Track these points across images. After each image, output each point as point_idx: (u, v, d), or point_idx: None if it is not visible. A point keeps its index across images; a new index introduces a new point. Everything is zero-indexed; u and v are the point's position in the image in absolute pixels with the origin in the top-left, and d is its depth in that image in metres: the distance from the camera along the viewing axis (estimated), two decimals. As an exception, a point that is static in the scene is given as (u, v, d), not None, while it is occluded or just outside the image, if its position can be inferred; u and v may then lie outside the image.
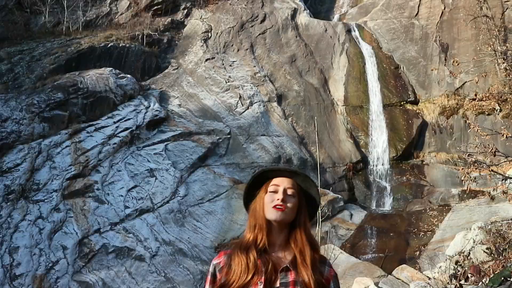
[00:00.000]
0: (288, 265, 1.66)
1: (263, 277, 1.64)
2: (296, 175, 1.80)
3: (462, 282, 3.41)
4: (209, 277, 1.79)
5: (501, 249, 5.15)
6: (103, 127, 13.17)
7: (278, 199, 1.71)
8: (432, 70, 16.13)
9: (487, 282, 2.81)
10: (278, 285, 1.65)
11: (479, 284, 2.91)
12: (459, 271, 3.55)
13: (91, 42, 16.14)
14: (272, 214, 1.71)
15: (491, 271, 3.55)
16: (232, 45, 17.07)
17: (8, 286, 9.75)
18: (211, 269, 1.79)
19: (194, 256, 10.84)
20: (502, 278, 2.83)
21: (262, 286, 1.63)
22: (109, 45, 16.21)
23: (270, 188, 1.76)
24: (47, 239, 10.70)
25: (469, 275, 3.11)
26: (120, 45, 16.38)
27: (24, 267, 10.11)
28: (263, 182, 1.82)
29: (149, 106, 14.17)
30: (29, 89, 14.04)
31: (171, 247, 10.96)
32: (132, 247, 10.81)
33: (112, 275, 10.36)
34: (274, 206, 1.71)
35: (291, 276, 1.65)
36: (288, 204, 1.72)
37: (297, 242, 1.71)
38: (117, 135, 13.05)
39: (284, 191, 1.73)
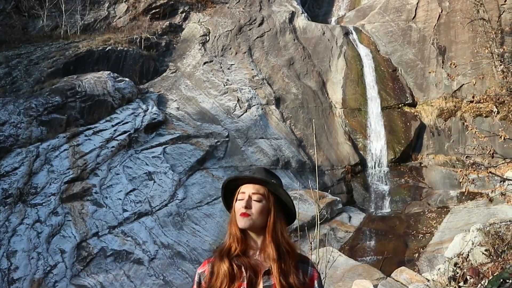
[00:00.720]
0: (269, 268, 1.68)
1: (245, 282, 1.67)
2: (263, 182, 1.80)
3: (461, 284, 3.41)
4: (194, 286, 1.80)
5: (500, 251, 5.15)
6: (101, 130, 13.15)
7: (242, 206, 1.73)
8: (429, 72, 16.19)
9: (485, 284, 2.82)
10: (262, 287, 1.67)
11: (478, 286, 2.92)
12: (457, 273, 3.55)
13: (89, 45, 16.15)
14: (239, 222, 1.74)
15: (490, 273, 3.55)
16: (230, 48, 17.10)
17: (6, 290, 9.72)
18: (196, 278, 1.81)
19: (192, 259, 10.81)
20: (501, 280, 2.83)
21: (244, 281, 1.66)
22: (107, 49, 16.22)
23: (239, 196, 1.78)
24: (45, 243, 10.65)
25: (468, 277, 3.11)
26: (118, 49, 16.39)
27: (22, 271, 10.06)
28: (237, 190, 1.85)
29: (147, 109, 14.16)
30: (27, 93, 14.02)
31: (170, 250, 10.93)
32: (131, 250, 10.77)
33: (110, 279, 10.32)
34: (240, 214, 1.73)
35: (273, 279, 1.67)
36: (253, 210, 1.73)
37: (268, 248, 1.72)
38: (115, 138, 13.03)
39: (249, 197, 1.75)
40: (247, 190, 1.77)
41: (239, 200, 1.77)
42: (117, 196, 11.87)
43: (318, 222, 6.23)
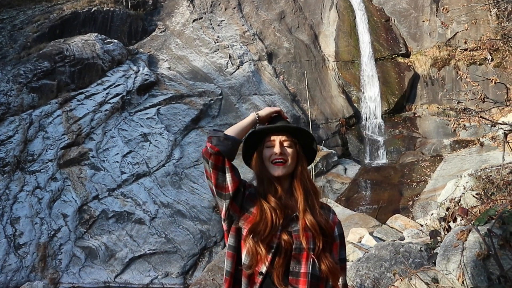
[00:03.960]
0: (297, 213, 1.74)
1: (281, 221, 1.73)
2: (288, 130, 1.83)
3: (451, 223, 3.54)
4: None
5: (490, 193, 5.28)
6: (93, 94, 13.03)
7: (276, 153, 1.76)
8: (423, 21, 15.89)
9: (473, 221, 2.93)
10: (290, 230, 1.73)
11: (466, 223, 3.04)
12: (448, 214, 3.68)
13: (73, 7, 15.67)
14: (274, 171, 1.76)
15: (479, 213, 3.67)
16: (219, 4, 16.63)
17: (13, 255, 9.98)
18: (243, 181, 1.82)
19: (192, 216, 11.06)
20: (488, 217, 2.94)
21: (280, 230, 1.72)
22: (93, 10, 15.75)
23: (267, 144, 1.80)
24: (47, 208, 10.84)
25: (457, 216, 3.23)
26: (104, 9, 15.91)
27: (27, 236, 10.31)
28: (258, 139, 1.85)
29: (138, 70, 13.97)
30: (14, 60, 13.74)
31: (170, 209, 11.16)
32: (131, 211, 11.00)
33: (114, 239, 10.60)
34: (274, 162, 1.76)
35: (301, 221, 1.73)
36: (287, 157, 1.77)
37: (297, 191, 1.77)
38: (108, 101, 12.94)
39: (281, 144, 1.78)
40: (277, 137, 1.79)
41: (268, 147, 1.78)
42: (114, 159, 11.95)
43: (313, 175, 6.35)
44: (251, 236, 1.70)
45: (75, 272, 10.07)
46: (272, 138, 1.80)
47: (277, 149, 1.76)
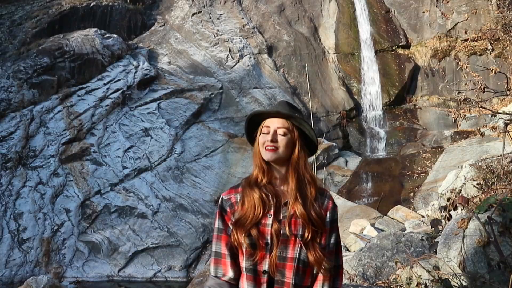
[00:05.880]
0: (288, 200, 1.76)
1: (272, 210, 1.76)
2: (288, 117, 1.83)
3: (452, 212, 3.57)
4: (218, 211, 1.87)
5: (490, 183, 5.31)
6: (93, 89, 13.04)
7: (268, 140, 1.78)
8: (423, 12, 15.85)
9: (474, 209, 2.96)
10: (281, 217, 1.76)
11: (467, 212, 3.06)
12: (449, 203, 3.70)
13: (72, 2, 15.60)
14: (265, 155, 1.79)
15: (479, 202, 3.70)
16: (218, -3, 16.57)
17: (17, 250, 10.06)
18: (220, 203, 1.87)
19: (195, 210, 11.12)
20: (488, 205, 2.97)
21: (271, 218, 1.74)
22: (92, 5, 15.70)
23: (263, 130, 1.82)
24: (50, 203, 10.90)
25: (458, 204, 3.26)
26: (103, 4, 15.86)
27: (30, 231, 10.38)
28: (257, 122, 1.88)
29: (138, 65, 13.96)
30: (14, 55, 13.73)
31: (172, 203, 11.22)
32: (134, 205, 11.06)
33: (116, 233, 10.67)
34: (266, 148, 1.77)
35: (291, 209, 1.75)
36: (279, 144, 1.78)
37: (290, 179, 1.78)
38: (109, 96, 12.95)
39: (274, 132, 1.79)
40: (272, 124, 1.81)
41: (263, 134, 1.81)
42: (115, 154, 11.99)
43: (315, 167, 6.37)
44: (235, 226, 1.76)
45: (78, 266, 10.15)
46: (267, 124, 1.82)
47: (269, 136, 1.78)
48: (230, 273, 1.78)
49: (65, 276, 9.90)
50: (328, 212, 1.81)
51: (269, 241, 1.73)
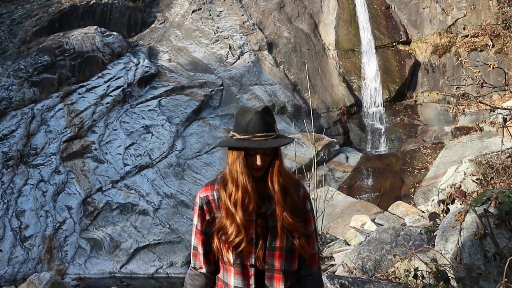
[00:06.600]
0: (270, 195, 1.81)
1: (255, 207, 1.80)
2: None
3: (449, 206, 3.60)
4: (197, 209, 1.89)
5: (489, 178, 5.33)
6: (94, 87, 13.07)
7: (257, 164, 1.79)
8: (424, 8, 15.82)
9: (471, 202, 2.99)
10: (265, 210, 1.82)
11: (464, 205, 3.09)
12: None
13: (72, 0, 15.64)
14: (253, 173, 1.81)
15: (477, 196, 3.73)
16: (218, -6, 16.58)
17: (20, 247, 10.10)
18: (198, 201, 1.88)
19: (196, 207, 11.15)
20: (485, 199, 3.00)
21: (254, 214, 1.80)
22: (91, 3, 15.72)
23: (249, 152, 1.80)
24: (52, 201, 10.95)
25: (455, 198, 3.29)
26: (103, 2, 15.88)
27: (32, 229, 10.43)
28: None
29: (139, 62, 13.98)
30: (14, 54, 13.77)
31: (173, 200, 11.26)
32: (135, 202, 11.10)
33: (118, 230, 10.72)
34: (254, 168, 1.80)
35: (278, 210, 1.81)
36: (266, 163, 1.81)
37: (275, 180, 1.81)
38: (109, 94, 12.99)
39: (262, 154, 1.79)
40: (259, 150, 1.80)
41: (250, 155, 1.79)
42: (116, 151, 12.03)
43: (315, 164, 6.39)
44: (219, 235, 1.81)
45: (81, 263, 10.20)
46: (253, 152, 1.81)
47: (258, 161, 1.78)
48: (204, 268, 1.90)
49: (67, 273, 9.95)
50: (306, 201, 1.92)
51: (253, 236, 1.80)
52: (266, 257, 1.81)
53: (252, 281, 1.81)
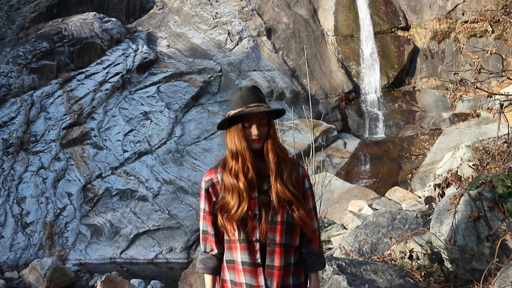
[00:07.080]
0: (269, 173, 1.91)
1: (256, 184, 1.89)
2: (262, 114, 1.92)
3: (445, 189, 3.67)
4: (203, 193, 1.99)
5: (485, 163, 5.39)
6: (93, 73, 13.05)
7: (254, 134, 1.89)
8: (423, -7, 15.71)
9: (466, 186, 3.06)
10: (266, 187, 1.91)
11: (459, 189, 3.16)
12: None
13: (69, -14, 15.49)
14: (252, 146, 1.91)
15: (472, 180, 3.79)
16: (217, -20, 16.42)
17: (21, 233, 10.21)
18: (203, 185, 1.98)
19: (195, 192, 11.24)
20: (480, 182, 3.06)
21: (256, 191, 1.89)
22: (89, -12, 15.59)
23: (245, 124, 1.91)
24: (52, 188, 11.02)
25: (451, 182, 3.36)
26: (101, -13, 15.75)
27: (33, 215, 10.52)
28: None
29: (138, 49, 13.93)
30: (13, 41, 13.70)
31: (172, 186, 11.34)
32: (135, 188, 11.18)
33: (118, 216, 10.82)
34: (253, 140, 1.90)
35: (272, 181, 1.90)
36: (262, 134, 1.91)
37: (268, 154, 1.91)
38: (108, 80, 12.97)
39: (257, 125, 1.90)
40: (254, 118, 1.90)
41: (245, 127, 1.90)
42: (116, 137, 12.07)
43: (313, 150, 6.44)
44: (222, 214, 1.90)
45: (81, 249, 10.32)
46: (248, 119, 1.90)
47: (254, 131, 1.88)
48: (215, 249, 1.99)
49: (68, 259, 10.08)
50: (305, 179, 2.01)
51: (257, 212, 1.88)
52: (268, 231, 1.88)
53: (258, 255, 1.89)
